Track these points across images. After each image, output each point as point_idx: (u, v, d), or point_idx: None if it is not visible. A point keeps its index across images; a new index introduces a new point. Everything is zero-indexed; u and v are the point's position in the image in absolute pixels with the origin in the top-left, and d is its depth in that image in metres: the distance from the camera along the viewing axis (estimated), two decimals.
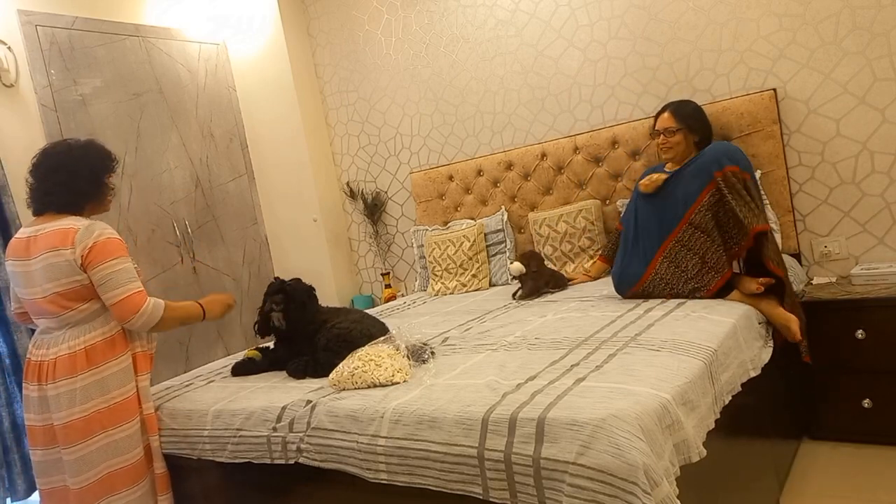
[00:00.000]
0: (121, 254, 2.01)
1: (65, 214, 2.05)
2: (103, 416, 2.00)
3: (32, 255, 2.00)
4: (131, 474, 2.05)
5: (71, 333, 2.01)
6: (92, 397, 1.98)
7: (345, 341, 2.12)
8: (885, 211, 2.72)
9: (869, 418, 2.44)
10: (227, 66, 4.25)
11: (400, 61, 3.98)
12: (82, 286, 1.99)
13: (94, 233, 1.99)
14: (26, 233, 2.05)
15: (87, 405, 1.98)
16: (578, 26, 3.32)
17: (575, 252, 3.21)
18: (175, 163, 3.86)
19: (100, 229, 2.01)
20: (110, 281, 1.98)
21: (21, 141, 3.26)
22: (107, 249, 1.98)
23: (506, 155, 3.56)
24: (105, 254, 1.98)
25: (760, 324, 2.16)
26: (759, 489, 2.00)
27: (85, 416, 1.97)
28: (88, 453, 1.99)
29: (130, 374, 2.07)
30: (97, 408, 1.99)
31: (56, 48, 3.39)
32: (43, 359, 2.02)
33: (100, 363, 2.00)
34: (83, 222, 2.01)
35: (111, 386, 2.02)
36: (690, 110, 2.74)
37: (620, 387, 1.49)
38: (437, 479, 1.52)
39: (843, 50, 2.70)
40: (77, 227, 1.99)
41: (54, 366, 1.99)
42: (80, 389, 1.97)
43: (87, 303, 2.01)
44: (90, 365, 1.99)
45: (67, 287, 1.98)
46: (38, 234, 2.01)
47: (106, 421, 2.00)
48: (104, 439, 2.00)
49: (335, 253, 4.32)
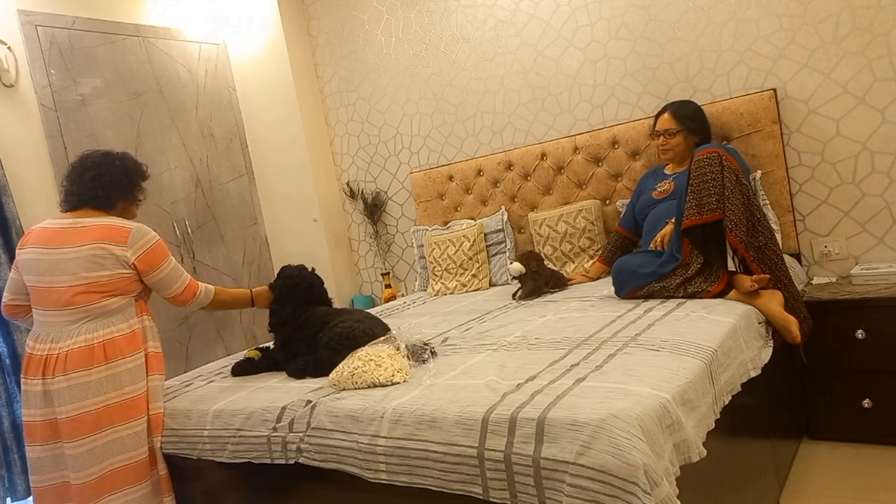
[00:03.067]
0: (168, 253, 2.19)
1: (99, 211, 2.15)
2: (113, 411, 2.03)
3: (65, 244, 2.06)
4: (134, 473, 2.06)
5: (88, 327, 2.05)
6: (105, 391, 2.03)
7: (347, 339, 2.12)
8: (885, 211, 2.72)
9: (869, 418, 2.44)
10: (227, 66, 4.25)
11: (400, 61, 3.98)
12: (123, 280, 2.09)
13: (146, 234, 2.13)
14: (55, 223, 2.11)
15: (99, 398, 2.01)
16: (578, 26, 3.32)
17: (575, 252, 3.21)
18: (175, 163, 3.86)
19: (151, 232, 2.15)
20: (170, 278, 2.16)
21: (21, 141, 3.27)
22: (162, 252, 2.15)
23: (506, 155, 3.56)
24: (161, 256, 2.15)
25: (760, 324, 2.16)
26: (759, 489, 2.00)
27: (96, 409, 2.01)
28: (94, 448, 2.01)
29: (143, 373, 2.12)
30: (108, 402, 2.03)
31: (56, 48, 3.39)
32: (50, 352, 2.03)
33: (116, 358, 2.06)
34: (133, 223, 2.14)
35: (125, 381, 2.06)
36: (691, 111, 2.74)
37: (620, 387, 1.49)
38: (437, 479, 1.52)
39: (843, 50, 2.70)
40: (129, 226, 2.11)
41: (66, 358, 2.01)
42: (94, 382, 2.01)
43: (114, 297, 2.09)
44: (107, 359, 2.04)
45: (107, 279, 2.06)
46: (76, 227, 2.09)
47: (115, 416, 2.04)
48: (111, 435, 2.03)
49: (335, 253, 4.32)
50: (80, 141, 3.44)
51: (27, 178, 3.27)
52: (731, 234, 2.18)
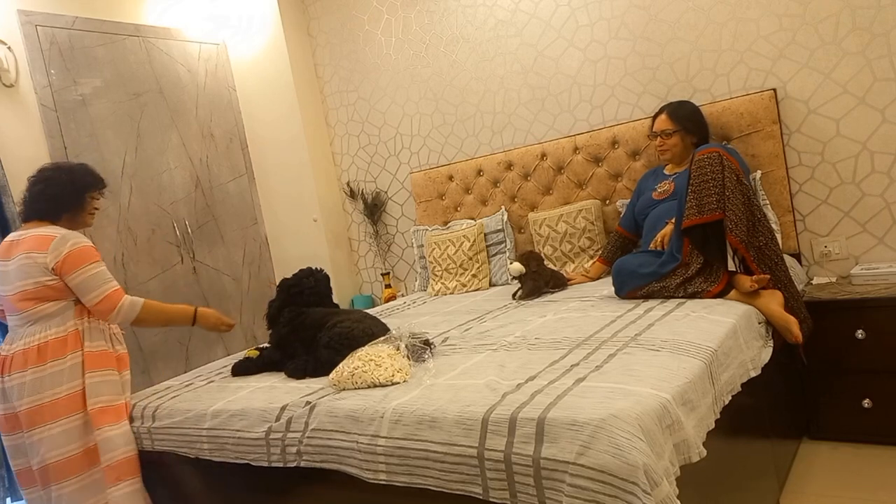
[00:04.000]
0: (93, 259, 2.20)
1: (45, 222, 2.25)
2: (45, 409, 2.14)
3: (12, 256, 2.20)
4: (64, 469, 2.16)
5: (29, 331, 2.18)
6: (38, 391, 2.13)
7: (347, 339, 2.12)
8: (885, 211, 2.72)
9: (869, 418, 2.44)
10: (227, 66, 4.25)
11: (400, 61, 3.98)
12: (48, 287, 2.16)
13: (67, 242, 2.17)
14: (11, 237, 2.26)
15: (33, 398, 2.13)
16: (578, 26, 3.32)
17: (575, 252, 3.21)
18: (175, 163, 3.86)
19: (73, 239, 2.19)
20: (88, 284, 2.18)
21: (21, 141, 3.27)
22: (81, 257, 2.18)
23: (506, 155, 3.56)
24: (80, 261, 2.17)
25: (760, 324, 2.16)
26: (759, 489, 2.00)
27: (29, 408, 2.13)
28: (32, 442, 2.15)
29: (79, 372, 2.19)
30: (41, 401, 2.14)
31: (56, 48, 3.39)
32: (7, 353, 2.20)
33: (47, 360, 2.15)
34: (60, 231, 2.20)
35: (56, 381, 2.15)
36: (687, 112, 2.75)
37: (620, 387, 1.49)
38: (437, 480, 1.52)
39: (843, 50, 2.70)
40: (54, 235, 2.18)
41: (12, 360, 2.17)
42: (28, 383, 2.13)
43: (48, 303, 2.18)
44: (40, 360, 2.15)
45: (34, 287, 2.16)
46: (20, 239, 2.21)
47: (47, 415, 2.14)
48: (44, 432, 2.14)
49: (335, 253, 4.32)
50: (80, 141, 3.44)
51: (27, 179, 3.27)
52: (731, 234, 2.18)
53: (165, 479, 2.24)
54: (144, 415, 2.22)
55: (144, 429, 2.20)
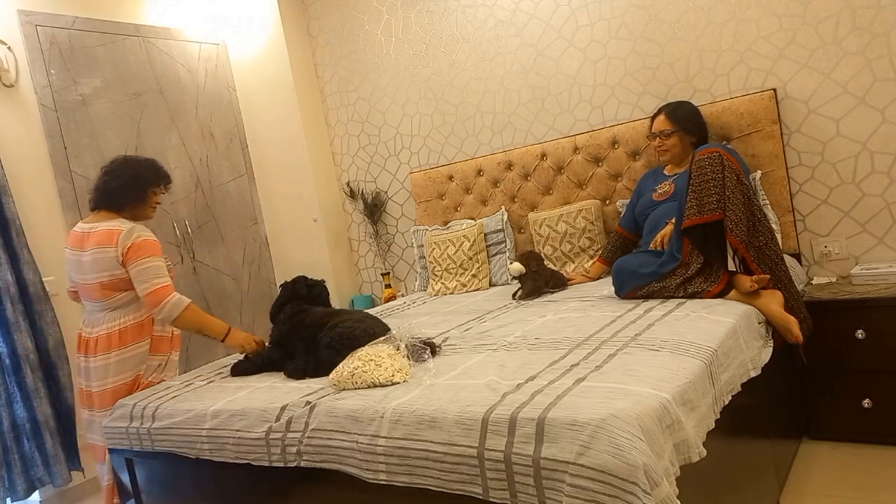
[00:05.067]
0: (152, 252, 2.37)
1: (110, 212, 2.43)
2: (129, 388, 2.41)
3: (86, 247, 2.39)
4: None
5: (109, 316, 2.41)
6: (122, 371, 2.39)
7: (348, 339, 2.11)
8: (885, 211, 2.72)
9: (869, 418, 2.44)
10: (227, 66, 4.25)
11: (400, 61, 3.98)
12: (120, 279, 2.37)
13: (132, 235, 2.35)
14: (83, 228, 2.44)
15: (117, 378, 2.38)
16: (578, 26, 3.32)
17: (575, 252, 3.21)
18: (175, 163, 3.86)
19: (138, 231, 2.38)
20: (142, 276, 2.34)
21: (21, 141, 3.27)
22: (141, 249, 2.35)
23: (506, 155, 3.56)
24: (140, 253, 2.34)
25: (760, 324, 2.16)
26: (759, 489, 2.00)
27: (114, 387, 2.38)
28: None
29: (146, 356, 2.45)
30: (124, 381, 2.39)
31: (56, 48, 3.39)
32: (89, 335, 2.43)
33: (129, 343, 2.40)
34: (127, 225, 2.38)
35: (135, 364, 2.41)
36: (686, 112, 2.75)
37: (620, 387, 1.48)
38: (437, 480, 1.52)
39: (843, 50, 2.70)
40: (122, 229, 2.36)
41: (96, 342, 2.39)
42: (113, 364, 2.38)
43: (124, 293, 2.40)
44: (121, 344, 2.38)
45: (110, 279, 2.37)
46: (92, 232, 2.39)
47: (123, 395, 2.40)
48: None
49: (335, 253, 4.32)
50: (80, 141, 3.44)
51: (27, 178, 3.27)
52: (731, 234, 2.18)
53: (165, 479, 2.24)
54: (144, 415, 2.22)
55: (144, 429, 2.20)
